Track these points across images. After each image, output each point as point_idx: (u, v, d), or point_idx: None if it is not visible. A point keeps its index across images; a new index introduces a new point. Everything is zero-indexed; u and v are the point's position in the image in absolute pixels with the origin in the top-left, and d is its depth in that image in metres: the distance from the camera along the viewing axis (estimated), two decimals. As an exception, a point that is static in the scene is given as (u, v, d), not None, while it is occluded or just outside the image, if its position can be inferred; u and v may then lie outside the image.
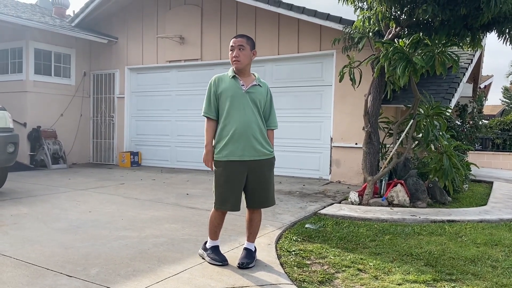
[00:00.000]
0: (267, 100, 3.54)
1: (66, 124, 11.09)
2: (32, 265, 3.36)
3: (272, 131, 3.60)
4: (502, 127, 18.15)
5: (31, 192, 6.67)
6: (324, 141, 8.78)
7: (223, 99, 3.41)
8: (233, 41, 3.46)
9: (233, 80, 3.45)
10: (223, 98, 3.41)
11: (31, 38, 10.18)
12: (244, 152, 3.36)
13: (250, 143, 3.37)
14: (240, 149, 3.36)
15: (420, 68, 5.63)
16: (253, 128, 3.38)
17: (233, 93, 3.40)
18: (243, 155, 3.36)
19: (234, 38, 3.49)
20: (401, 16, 6.09)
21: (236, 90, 3.41)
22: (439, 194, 6.56)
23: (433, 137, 6.35)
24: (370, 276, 3.44)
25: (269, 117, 3.57)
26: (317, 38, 8.71)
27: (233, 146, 3.35)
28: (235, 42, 3.44)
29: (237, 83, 3.44)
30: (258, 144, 3.40)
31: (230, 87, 3.42)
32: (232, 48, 3.45)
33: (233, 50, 3.44)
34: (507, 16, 5.38)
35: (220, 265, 3.46)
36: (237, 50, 3.42)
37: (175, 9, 10.45)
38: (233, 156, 3.36)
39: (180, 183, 7.97)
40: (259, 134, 3.42)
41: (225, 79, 3.47)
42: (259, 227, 3.64)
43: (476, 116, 12.34)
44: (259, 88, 3.49)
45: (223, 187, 3.40)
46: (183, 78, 10.57)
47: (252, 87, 3.45)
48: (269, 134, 3.56)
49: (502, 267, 3.73)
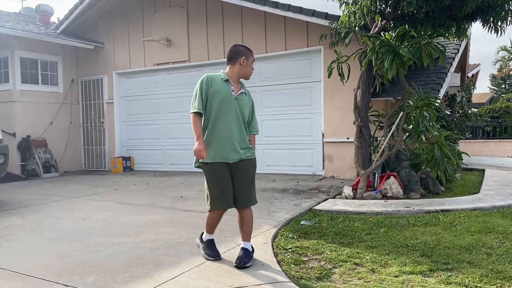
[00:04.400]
0: (251, 108, 3.71)
1: (56, 132, 11.01)
2: (28, 277, 3.33)
3: (254, 136, 3.78)
4: (491, 114, 18.32)
5: (23, 202, 6.61)
6: (316, 137, 8.80)
7: (214, 100, 3.47)
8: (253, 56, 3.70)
9: (226, 83, 3.53)
10: (215, 99, 3.47)
11: (16, 47, 10.09)
12: (229, 155, 3.50)
13: (234, 147, 3.50)
14: (225, 152, 3.49)
15: (407, 60, 5.66)
16: (237, 133, 3.53)
17: (224, 96, 3.48)
18: (228, 158, 3.50)
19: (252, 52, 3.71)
20: (386, 9, 6.11)
21: (227, 94, 3.49)
22: (432, 184, 6.61)
23: (423, 128, 6.39)
24: (367, 269, 3.46)
25: (251, 123, 3.73)
26: (304, 35, 8.73)
27: (220, 148, 3.48)
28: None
29: (229, 88, 3.53)
30: (241, 147, 3.55)
31: (222, 90, 3.49)
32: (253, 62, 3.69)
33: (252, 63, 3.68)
34: (491, 5, 5.43)
35: (212, 260, 3.61)
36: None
37: (161, 11, 10.41)
38: (219, 158, 3.49)
39: (174, 186, 7.95)
40: (242, 138, 3.58)
41: (217, 80, 3.53)
42: (252, 225, 3.66)
43: (465, 105, 12.46)
44: (244, 96, 3.64)
45: (215, 187, 3.50)
46: (171, 80, 10.54)
47: (240, 95, 3.59)
48: (251, 138, 3.73)
49: (496, 254, 3.76)
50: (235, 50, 3.63)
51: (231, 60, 3.62)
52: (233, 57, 3.61)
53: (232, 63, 3.61)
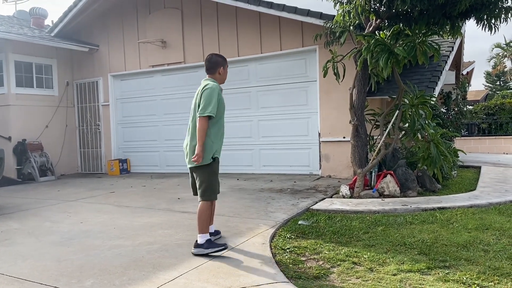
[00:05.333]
0: None
1: (52, 136, 10.97)
2: (25, 281, 3.32)
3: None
4: (486, 111, 18.38)
5: (20, 206, 6.59)
6: (312, 136, 8.81)
7: (220, 105, 3.96)
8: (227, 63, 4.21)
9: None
10: (221, 105, 3.99)
11: (11, 51, 10.05)
12: (220, 151, 4.10)
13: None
14: (220, 149, 4.07)
15: (402, 59, 5.68)
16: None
17: (223, 102, 4.05)
18: (219, 153, 4.07)
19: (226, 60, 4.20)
20: (381, 8, 6.13)
21: (223, 99, 4.08)
22: (429, 182, 6.63)
23: (419, 126, 6.41)
24: (365, 268, 3.47)
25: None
26: (299, 34, 8.73)
27: (220, 146, 4.05)
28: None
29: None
30: None
31: (222, 97, 4.05)
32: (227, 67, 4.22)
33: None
34: (484, 3, 5.45)
35: (223, 249, 3.84)
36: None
37: (155, 13, 10.39)
38: (218, 154, 4.03)
39: (171, 188, 7.94)
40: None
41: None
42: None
43: (460, 102, 12.51)
44: None
45: (216, 180, 3.99)
46: (167, 82, 10.52)
47: None
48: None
49: (493, 250, 3.78)
50: (214, 61, 4.07)
51: (210, 70, 4.07)
52: (212, 67, 4.06)
53: (211, 73, 4.06)
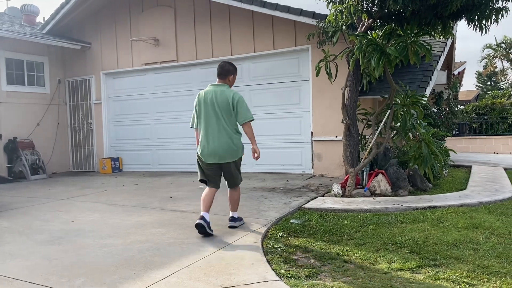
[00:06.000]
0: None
1: (44, 134, 10.89)
2: (15, 280, 3.30)
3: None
4: (477, 111, 18.54)
5: (10, 205, 6.53)
6: (304, 135, 8.83)
7: None
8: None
9: None
10: None
11: (1, 48, 9.95)
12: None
13: None
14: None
15: (394, 59, 5.71)
16: None
17: None
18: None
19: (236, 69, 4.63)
20: (373, 8, 6.15)
21: None
22: (420, 181, 6.67)
23: (410, 125, 6.45)
24: (356, 266, 3.49)
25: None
26: (292, 34, 8.74)
27: None
28: None
29: None
30: None
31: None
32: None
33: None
34: (475, 3, 5.49)
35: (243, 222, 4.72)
36: None
37: (148, 11, 10.35)
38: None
39: (163, 187, 7.91)
40: None
41: None
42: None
43: (451, 102, 12.60)
44: None
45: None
46: (160, 80, 10.49)
47: None
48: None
49: (483, 249, 3.82)
50: (227, 69, 4.48)
51: (221, 76, 4.48)
52: (224, 74, 4.48)
53: (222, 79, 4.48)
